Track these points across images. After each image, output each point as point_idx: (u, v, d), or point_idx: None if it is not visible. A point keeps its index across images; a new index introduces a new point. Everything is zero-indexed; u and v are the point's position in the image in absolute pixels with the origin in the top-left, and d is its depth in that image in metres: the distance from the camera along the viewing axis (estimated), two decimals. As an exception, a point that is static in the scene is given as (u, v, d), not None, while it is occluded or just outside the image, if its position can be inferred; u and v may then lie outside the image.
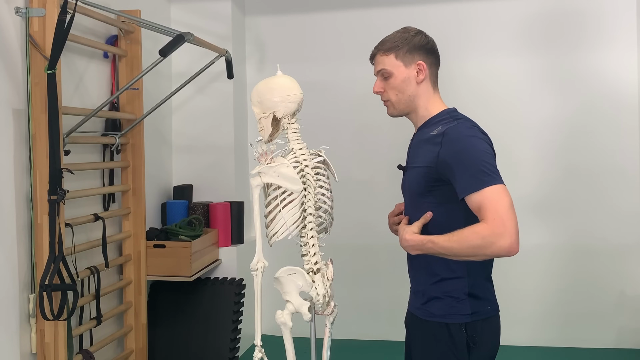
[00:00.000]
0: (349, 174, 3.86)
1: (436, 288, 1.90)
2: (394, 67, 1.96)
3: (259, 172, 1.86)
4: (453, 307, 1.88)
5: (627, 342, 3.81)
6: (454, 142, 1.83)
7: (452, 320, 1.87)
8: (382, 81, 1.99)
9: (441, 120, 1.92)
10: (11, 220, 2.39)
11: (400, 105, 1.99)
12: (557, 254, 3.88)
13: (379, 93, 2.01)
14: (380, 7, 4.02)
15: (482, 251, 1.72)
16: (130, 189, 3.14)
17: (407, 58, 1.95)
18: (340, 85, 4.08)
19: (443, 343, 1.88)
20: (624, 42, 3.77)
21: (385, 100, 2.01)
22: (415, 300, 1.98)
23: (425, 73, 1.96)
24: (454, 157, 1.80)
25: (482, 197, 1.72)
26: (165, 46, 2.64)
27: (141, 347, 3.19)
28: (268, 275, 1.90)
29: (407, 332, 2.04)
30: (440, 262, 1.87)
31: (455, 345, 1.87)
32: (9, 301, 2.37)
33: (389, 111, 2.03)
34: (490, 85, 3.91)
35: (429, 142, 1.88)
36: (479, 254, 1.74)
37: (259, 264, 1.90)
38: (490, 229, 1.69)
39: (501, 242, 1.68)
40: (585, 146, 3.84)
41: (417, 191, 1.91)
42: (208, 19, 3.92)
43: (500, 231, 1.68)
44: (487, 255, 1.74)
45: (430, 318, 1.91)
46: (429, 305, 1.91)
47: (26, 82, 2.43)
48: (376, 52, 2.00)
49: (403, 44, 1.96)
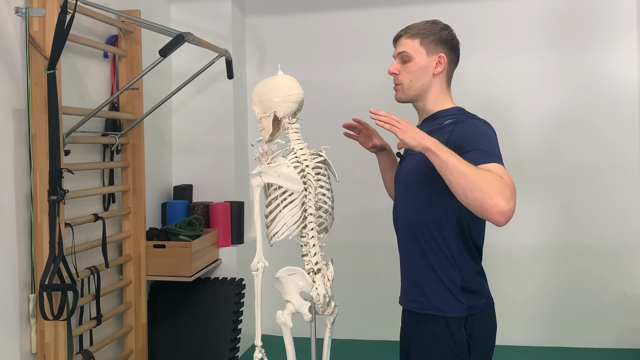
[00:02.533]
0: (349, 174, 3.86)
1: (433, 279, 1.89)
2: (416, 53, 1.97)
3: (260, 172, 1.86)
4: (450, 301, 1.88)
5: (627, 342, 3.81)
6: (467, 127, 1.86)
7: (450, 313, 1.87)
8: (400, 64, 1.99)
9: (451, 115, 1.94)
10: (11, 220, 2.38)
11: (411, 92, 1.99)
12: (557, 254, 3.87)
13: (393, 74, 2.01)
14: (381, 7, 4.02)
15: (484, 196, 1.63)
16: (130, 189, 3.14)
17: (431, 47, 1.97)
18: (340, 85, 4.07)
19: (442, 339, 1.87)
20: (624, 41, 3.77)
21: (398, 84, 2.00)
22: (409, 293, 1.97)
23: (444, 67, 1.98)
24: (465, 137, 1.81)
25: (490, 167, 1.71)
26: (165, 46, 2.64)
27: (141, 347, 3.18)
28: (268, 275, 1.89)
29: (402, 331, 2.03)
30: (434, 252, 1.88)
31: (455, 342, 1.87)
32: (9, 301, 2.37)
33: (397, 95, 2.02)
34: (490, 85, 3.91)
35: (437, 132, 1.87)
36: (477, 197, 1.64)
37: (260, 264, 1.89)
38: (500, 182, 1.66)
39: (502, 201, 1.63)
40: (585, 145, 3.84)
41: (416, 178, 1.91)
42: (208, 19, 3.92)
43: (507, 194, 1.64)
44: (482, 204, 1.64)
45: (426, 311, 1.90)
46: (425, 297, 1.91)
47: (26, 82, 2.43)
48: (402, 34, 2.01)
49: (431, 33, 1.98)
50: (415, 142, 1.71)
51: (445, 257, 1.89)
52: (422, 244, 1.91)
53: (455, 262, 1.89)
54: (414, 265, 1.94)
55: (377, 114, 1.78)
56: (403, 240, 1.99)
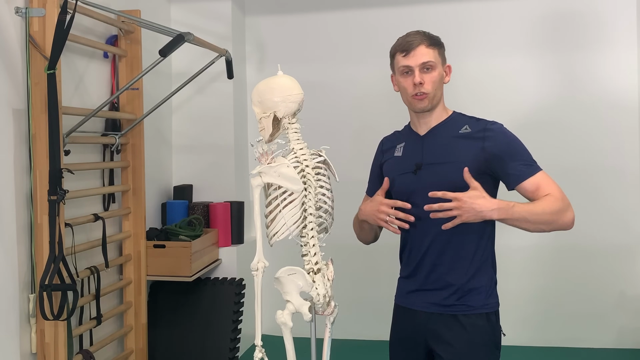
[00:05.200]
0: (349, 174, 3.83)
1: (473, 280, 1.97)
2: (437, 62, 2.02)
3: (260, 172, 1.86)
4: (489, 297, 1.99)
5: (627, 342, 3.80)
6: (501, 136, 1.97)
7: (489, 309, 1.98)
8: (423, 73, 2.00)
9: (460, 121, 2.04)
10: (11, 220, 2.38)
11: (435, 101, 2.03)
12: (556, 254, 3.87)
13: (421, 85, 1.99)
14: (381, 7, 4.02)
15: (558, 217, 1.86)
16: (130, 189, 3.14)
17: (443, 57, 2.06)
18: (340, 85, 4.07)
19: (486, 334, 1.97)
20: (624, 42, 3.77)
21: (424, 93, 2.00)
22: (442, 298, 1.99)
23: (450, 76, 2.08)
24: (503, 149, 1.94)
25: (538, 179, 1.92)
26: (165, 46, 2.64)
27: (141, 347, 3.18)
28: (268, 275, 1.89)
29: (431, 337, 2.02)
30: (479, 252, 1.97)
31: (495, 334, 1.98)
32: (9, 301, 2.37)
33: (422, 104, 2.02)
34: (488, 86, 3.91)
35: (465, 138, 1.97)
36: (553, 222, 1.87)
37: (260, 264, 1.89)
38: (561, 199, 1.89)
39: (569, 213, 1.89)
40: (585, 146, 3.84)
41: (447, 188, 1.89)
42: (208, 19, 3.92)
43: (567, 203, 1.90)
44: (558, 223, 1.87)
45: (468, 312, 1.97)
46: (465, 299, 1.97)
47: (26, 82, 2.43)
48: (420, 43, 2.01)
49: (441, 43, 2.07)
50: (480, 218, 1.84)
51: (484, 257, 2.00)
52: (463, 249, 1.97)
53: (492, 260, 2.04)
54: (453, 270, 1.99)
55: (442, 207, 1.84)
56: (437, 248, 2.00)
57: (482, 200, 1.83)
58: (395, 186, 2.08)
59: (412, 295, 2.09)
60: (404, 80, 2.03)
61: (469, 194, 1.83)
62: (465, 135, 1.98)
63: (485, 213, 1.82)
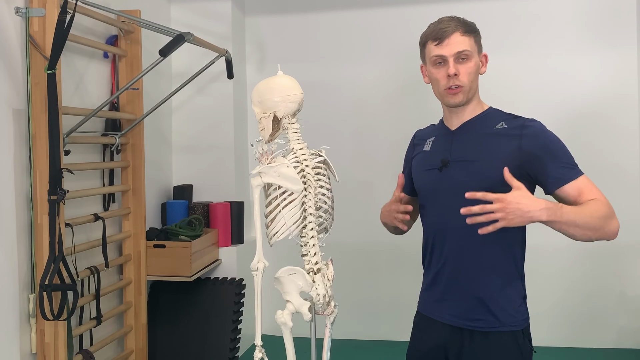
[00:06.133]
0: (349, 174, 3.86)
1: (501, 293, 1.83)
2: (473, 51, 1.85)
3: (260, 172, 1.86)
4: (517, 312, 1.86)
5: (627, 342, 3.80)
6: (540, 135, 1.81)
7: (517, 327, 1.85)
8: (458, 64, 1.82)
9: (497, 117, 1.88)
10: (11, 220, 2.38)
11: (470, 94, 1.85)
12: (556, 254, 3.87)
13: (456, 76, 1.82)
14: (381, 7, 4.02)
15: (605, 223, 1.71)
16: (130, 189, 3.14)
17: (479, 46, 1.88)
18: (340, 85, 4.07)
19: (511, 355, 1.84)
20: (623, 42, 3.77)
21: (459, 86, 1.83)
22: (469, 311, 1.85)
23: (486, 66, 1.92)
24: (543, 149, 1.78)
25: (580, 184, 1.75)
26: (165, 46, 2.64)
27: (141, 347, 3.19)
28: (268, 275, 1.89)
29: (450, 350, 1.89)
30: (509, 261, 1.83)
31: (522, 355, 1.85)
32: (9, 301, 2.37)
33: (457, 99, 1.84)
34: (487, 86, 3.87)
35: (501, 135, 1.81)
36: (600, 228, 1.70)
37: (259, 264, 1.89)
38: (607, 205, 1.73)
39: (615, 221, 1.74)
40: (584, 146, 3.82)
41: (475, 189, 1.70)
42: (208, 19, 3.92)
43: (613, 211, 1.74)
44: (605, 230, 1.71)
45: (495, 328, 1.83)
46: (492, 314, 1.83)
47: (26, 82, 2.43)
48: (455, 30, 1.82)
49: (477, 30, 1.87)
50: (528, 220, 1.65)
51: (513, 268, 1.86)
52: (489, 258, 1.83)
53: (519, 272, 1.88)
54: (477, 280, 1.84)
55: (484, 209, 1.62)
56: (462, 255, 1.85)
57: (529, 200, 1.62)
58: (419, 183, 1.96)
59: (433, 304, 1.95)
60: (436, 72, 1.85)
61: (513, 194, 1.63)
62: (500, 132, 1.81)
63: (534, 214, 1.61)
